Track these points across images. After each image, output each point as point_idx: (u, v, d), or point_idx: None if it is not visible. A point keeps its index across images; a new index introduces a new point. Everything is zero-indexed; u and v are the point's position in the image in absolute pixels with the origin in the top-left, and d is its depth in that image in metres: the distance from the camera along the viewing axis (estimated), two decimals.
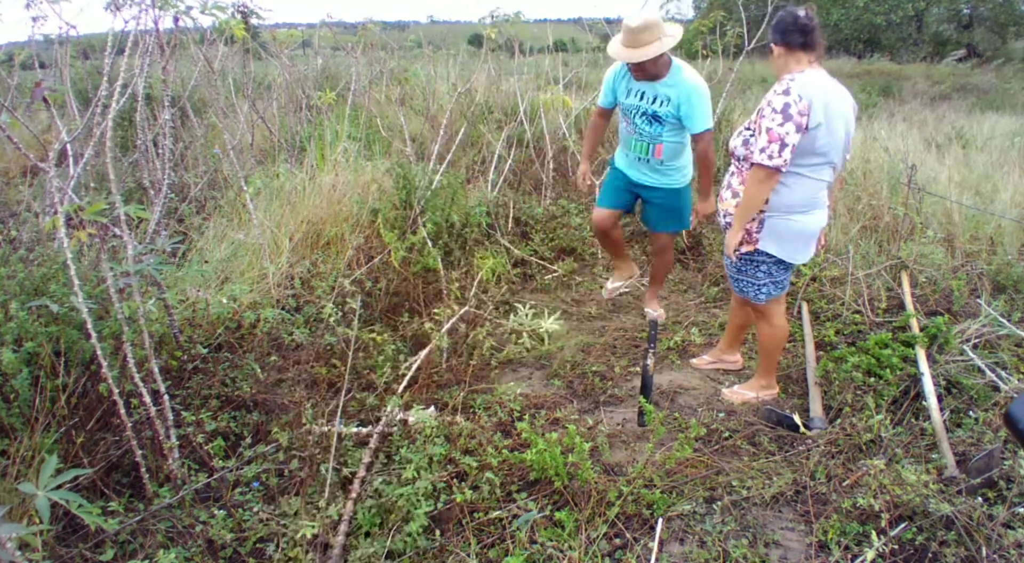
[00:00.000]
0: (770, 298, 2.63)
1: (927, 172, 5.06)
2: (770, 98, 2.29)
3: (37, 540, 1.70)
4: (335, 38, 7.12)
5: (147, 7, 2.59)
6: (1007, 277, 3.58)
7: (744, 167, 2.47)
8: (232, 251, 3.61)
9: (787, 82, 2.28)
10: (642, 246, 4.68)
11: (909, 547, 1.97)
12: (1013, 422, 0.94)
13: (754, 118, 2.40)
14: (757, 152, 2.27)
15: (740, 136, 2.48)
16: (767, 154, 2.25)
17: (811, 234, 2.51)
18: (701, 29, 6.82)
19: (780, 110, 2.24)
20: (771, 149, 2.24)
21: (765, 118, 2.27)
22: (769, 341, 2.75)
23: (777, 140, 2.23)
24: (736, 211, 2.46)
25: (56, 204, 2.06)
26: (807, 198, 2.43)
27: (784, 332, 2.75)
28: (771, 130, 2.24)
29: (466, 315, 3.38)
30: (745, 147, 2.43)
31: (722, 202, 2.62)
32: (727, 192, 2.58)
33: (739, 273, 2.64)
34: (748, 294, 2.66)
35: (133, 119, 5.09)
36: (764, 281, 2.58)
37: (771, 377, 2.85)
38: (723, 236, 2.69)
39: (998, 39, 21.22)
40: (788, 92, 2.25)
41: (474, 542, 2.01)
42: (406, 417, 2.50)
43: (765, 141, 2.25)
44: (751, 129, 2.41)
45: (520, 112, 5.71)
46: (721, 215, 2.64)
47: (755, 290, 2.62)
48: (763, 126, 2.27)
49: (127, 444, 2.17)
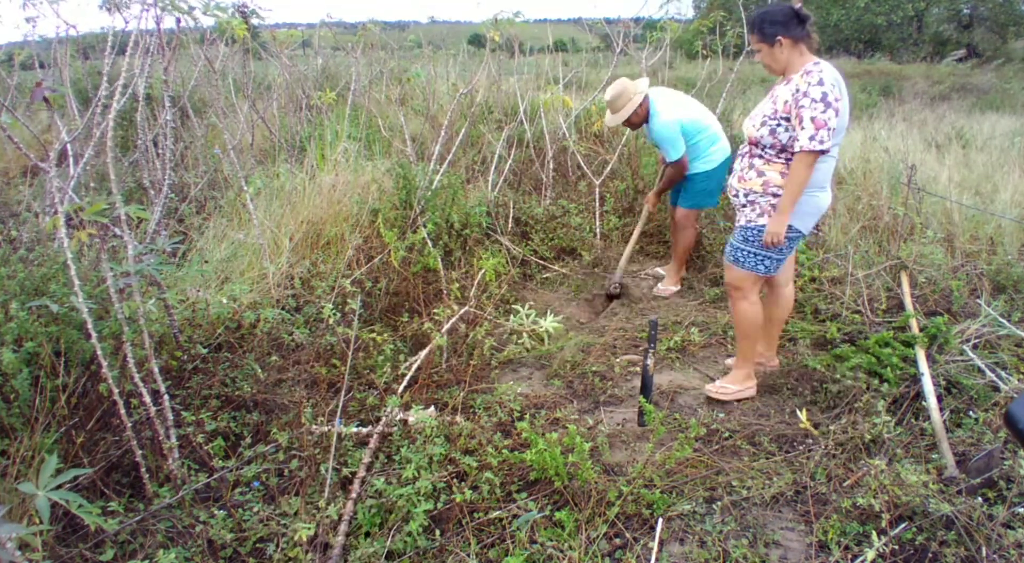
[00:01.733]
0: (766, 273, 2.73)
1: (927, 172, 5.06)
2: (805, 89, 2.41)
3: (37, 540, 1.70)
4: (335, 38, 7.13)
5: (149, 6, 2.59)
6: (1007, 277, 3.58)
7: (771, 154, 2.60)
8: (232, 251, 3.61)
9: (816, 73, 2.42)
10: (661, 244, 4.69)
11: (909, 547, 1.97)
12: (1013, 422, 0.94)
13: (778, 109, 2.51)
14: (806, 140, 2.41)
15: (765, 125, 2.57)
16: (817, 140, 2.40)
17: (823, 208, 2.69)
18: (701, 29, 6.82)
19: (820, 99, 2.39)
20: (820, 135, 2.39)
21: (806, 108, 2.40)
22: (745, 319, 2.82)
23: (823, 126, 2.39)
24: (784, 196, 2.54)
25: (56, 204, 2.06)
26: (825, 175, 2.63)
27: (760, 310, 2.85)
28: (815, 118, 2.39)
29: (466, 315, 3.38)
30: (772, 136, 2.55)
31: (744, 181, 2.69)
32: (751, 172, 2.66)
33: (746, 243, 2.71)
34: (746, 265, 2.73)
35: (133, 119, 5.09)
36: (773, 254, 2.68)
37: (749, 366, 2.89)
38: (736, 214, 2.79)
39: (998, 39, 21.22)
40: (822, 82, 2.40)
41: (474, 542, 2.01)
42: (406, 417, 2.50)
43: (812, 129, 2.40)
44: (776, 119, 2.52)
45: (520, 112, 5.71)
46: (741, 194, 2.70)
47: (756, 261, 2.71)
48: (805, 116, 2.40)
49: (127, 444, 2.18)
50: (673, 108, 3.80)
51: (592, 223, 4.82)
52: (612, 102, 3.80)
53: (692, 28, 8.47)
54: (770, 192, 2.62)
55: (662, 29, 5.80)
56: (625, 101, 3.76)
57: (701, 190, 3.94)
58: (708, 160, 3.87)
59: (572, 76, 7.21)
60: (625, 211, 5.06)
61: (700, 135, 3.83)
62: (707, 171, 3.88)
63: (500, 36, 4.75)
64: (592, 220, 4.84)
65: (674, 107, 3.81)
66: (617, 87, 3.79)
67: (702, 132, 3.84)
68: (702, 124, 3.85)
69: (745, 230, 2.71)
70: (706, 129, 3.85)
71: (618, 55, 6.03)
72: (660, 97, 3.84)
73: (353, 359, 2.82)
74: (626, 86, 3.77)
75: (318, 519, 1.99)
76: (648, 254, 4.71)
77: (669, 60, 7.49)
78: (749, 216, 2.69)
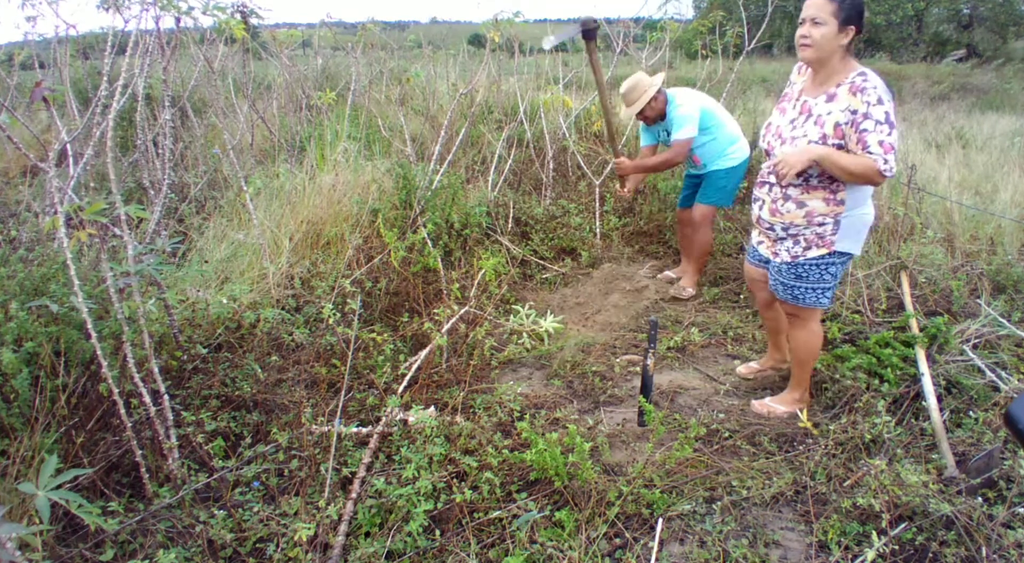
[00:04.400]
0: (831, 303, 2.55)
1: (927, 172, 5.06)
2: (865, 111, 2.17)
3: (37, 540, 1.70)
4: (335, 38, 7.13)
5: (148, 6, 2.59)
6: (1007, 277, 3.58)
7: (815, 182, 2.36)
8: (232, 251, 3.61)
9: (871, 90, 2.17)
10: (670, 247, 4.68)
11: (909, 547, 1.97)
12: (1013, 422, 0.94)
13: (827, 133, 2.26)
14: (881, 164, 2.17)
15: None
16: (889, 167, 2.17)
17: (869, 223, 2.47)
18: (701, 29, 6.83)
19: (884, 121, 2.17)
20: (890, 161, 2.17)
21: (871, 132, 2.16)
22: (806, 348, 2.64)
23: (891, 150, 2.17)
24: (836, 157, 2.23)
25: (56, 204, 2.06)
26: (867, 191, 2.41)
27: (820, 337, 2.67)
28: (883, 142, 2.16)
29: (466, 315, 3.38)
30: (820, 164, 2.28)
31: (779, 215, 2.47)
32: (788, 204, 2.43)
33: (798, 280, 2.50)
34: (807, 301, 2.52)
35: (133, 119, 5.09)
36: (831, 283, 2.50)
37: (805, 389, 2.75)
38: (769, 243, 2.60)
39: (998, 39, 21.21)
40: (882, 101, 2.17)
41: (474, 542, 2.01)
42: (406, 417, 2.50)
43: (882, 153, 2.16)
44: (825, 143, 2.26)
45: (520, 112, 5.71)
46: (779, 227, 2.49)
47: (817, 296, 2.51)
48: (871, 140, 2.17)
49: (127, 444, 2.18)
50: (694, 97, 3.84)
51: (592, 223, 4.82)
52: (627, 94, 3.78)
53: (692, 28, 8.47)
54: (815, 223, 2.40)
55: (662, 29, 5.81)
56: (640, 93, 3.74)
57: (722, 187, 3.91)
58: (729, 158, 3.87)
59: (572, 76, 7.20)
60: (625, 211, 5.07)
61: (719, 130, 3.84)
62: (728, 168, 3.88)
63: (500, 36, 4.75)
64: (592, 220, 4.84)
65: (695, 96, 3.85)
66: (632, 80, 3.78)
67: (720, 127, 3.84)
68: (720, 119, 3.86)
69: (794, 267, 2.50)
70: (724, 125, 3.85)
71: (618, 55, 6.03)
72: (680, 90, 3.90)
73: (353, 359, 2.82)
74: (641, 78, 3.76)
75: (318, 519, 1.99)
76: (647, 254, 4.71)
77: (669, 60, 7.49)
78: (794, 251, 2.48)
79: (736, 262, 4.37)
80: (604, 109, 3.90)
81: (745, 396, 2.94)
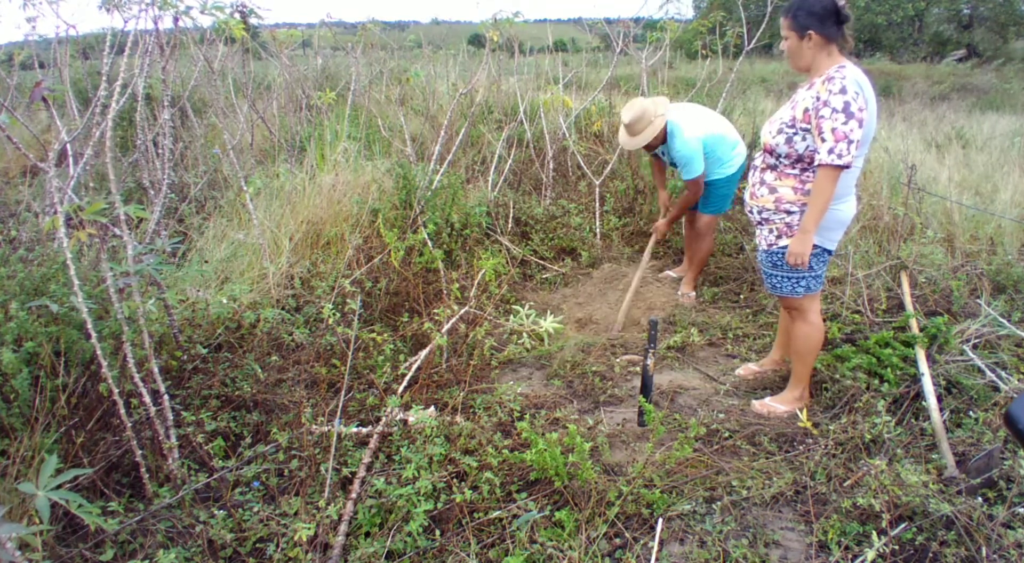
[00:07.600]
0: (808, 292, 2.59)
1: (927, 172, 5.06)
2: (826, 98, 2.25)
3: (37, 540, 1.70)
4: (335, 38, 7.13)
5: (147, 6, 2.59)
6: (1007, 277, 3.58)
7: (784, 164, 2.45)
8: (232, 251, 3.61)
9: (839, 80, 2.24)
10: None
11: (909, 547, 1.97)
12: (1013, 422, 0.94)
13: (797, 116, 2.36)
14: (824, 153, 2.25)
15: (782, 133, 2.42)
16: (836, 154, 2.23)
17: (847, 220, 2.52)
18: (701, 29, 6.83)
19: (842, 109, 2.22)
20: (839, 148, 2.23)
21: (826, 119, 2.24)
22: (805, 342, 2.67)
23: (843, 139, 2.22)
24: (808, 213, 2.36)
25: (56, 204, 2.06)
26: (848, 186, 2.45)
27: (820, 332, 2.68)
28: (836, 130, 2.23)
29: (466, 315, 3.38)
30: (788, 145, 2.40)
31: (755, 198, 2.56)
32: (762, 188, 2.53)
33: (774, 268, 2.58)
34: (783, 290, 2.60)
35: (133, 119, 5.09)
36: (803, 274, 2.55)
37: (805, 386, 2.76)
38: (755, 230, 2.66)
39: (998, 39, 21.23)
40: (844, 90, 2.22)
41: (474, 542, 2.00)
42: (406, 417, 2.50)
43: (832, 141, 2.24)
44: (794, 127, 2.37)
45: (520, 112, 5.71)
46: (755, 211, 2.58)
47: (792, 285, 2.57)
48: (825, 127, 2.24)
49: (127, 444, 2.18)
50: (694, 125, 3.67)
51: (592, 223, 4.82)
52: (631, 125, 3.63)
53: (692, 28, 8.48)
54: (783, 210, 2.48)
55: (662, 29, 5.80)
56: (645, 124, 3.61)
57: (724, 195, 3.90)
58: (729, 165, 3.81)
59: (572, 76, 7.21)
60: (625, 211, 5.07)
61: (721, 146, 3.76)
62: (728, 176, 3.83)
63: (500, 36, 4.75)
64: (592, 220, 4.84)
65: (694, 124, 3.68)
66: (636, 109, 3.60)
67: (721, 143, 3.76)
68: (720, 135, 3.75)
69: (769, 255, 2.58)
70: (724, 138, 3.76)
71: (618, 55, 6.03)
72: (678, 115, 3.71)
73: (353, 359, 2.82)
74: (646, 109, 3.60)
75: (318, 519, 1.99)
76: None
77: (669, 60, 7.49)
78: (769, 239, 2.56)
79: (736, 262, 4.37)
80: (626, 307, 3.74)
81: (745, 396, 2.94)
